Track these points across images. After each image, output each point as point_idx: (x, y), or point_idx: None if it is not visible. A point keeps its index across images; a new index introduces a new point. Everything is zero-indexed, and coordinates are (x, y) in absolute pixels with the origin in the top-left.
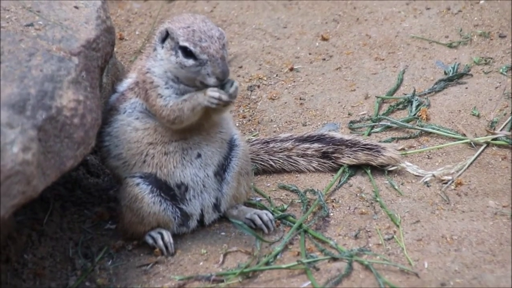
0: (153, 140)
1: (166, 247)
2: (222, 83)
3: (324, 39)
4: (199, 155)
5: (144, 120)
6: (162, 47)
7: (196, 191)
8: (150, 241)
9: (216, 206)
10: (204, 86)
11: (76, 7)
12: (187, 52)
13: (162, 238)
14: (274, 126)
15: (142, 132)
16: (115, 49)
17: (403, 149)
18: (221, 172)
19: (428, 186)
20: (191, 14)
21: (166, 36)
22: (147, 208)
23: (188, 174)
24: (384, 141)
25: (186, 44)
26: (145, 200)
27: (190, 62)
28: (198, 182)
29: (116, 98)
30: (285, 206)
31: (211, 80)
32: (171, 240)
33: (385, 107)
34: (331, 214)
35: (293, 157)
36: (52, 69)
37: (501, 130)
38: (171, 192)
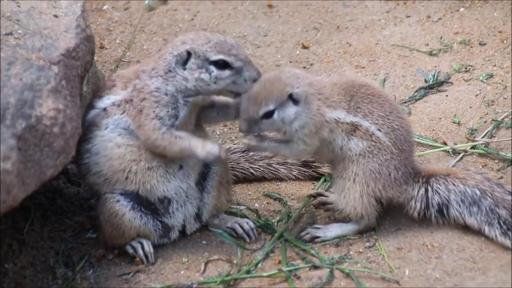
0: (136, 157)
1: (146, 257)
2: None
3: (304, 47)
4: (181, 167)
5: (126, 136)
6: (184, 68)
7: (179, 203)
8: (131, 251)
9: (198, 216)
10: (232, 95)
11: (56, 16)
12: (221, 65)
13: (143, 248)
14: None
15: (125, 149)
16: (95, 57)
17: None
18: (201, 181)
19: None
20: (193, 32)
21: (187, 57)
22: (128, 223)
23: (172, 187)
24: None
25: (220, 56)
26: (126, 216)
27: (227, 73)
28: (181, 194)
29: (96, 114)
30: (268, 217)
31: (247, 86)
32: (151, 250)
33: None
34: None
35: (273, 165)
36: (31, 78)
37: (481, 137)
38: (152, 206)
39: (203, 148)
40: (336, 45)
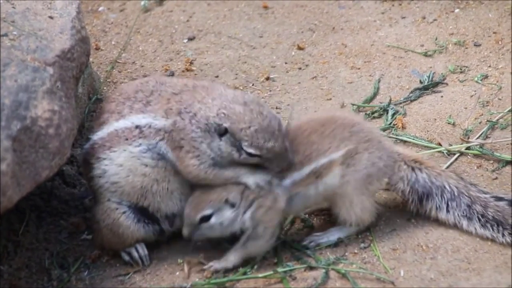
0: (159, 177)
1: (141, 260)
2: None
3: (300, 48)
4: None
5: (156, 161)
6: (221, 139)
7: (183, 215)
8: (127, 258)
9: None
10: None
11: (51, 17)
12: (252, 155)
13: (137, 251)
14: None
15: (151, 169)
16: (90, 59)
17: None
18: None
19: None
20: (242, 103)
21: (224, 132)
22: (130, 234)
23: (182, 206)
24: None
25: (251, 150)
26: (130, 228)
27: (255, 159)
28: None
29: (128, 127)
30: None
31: (273, 171)
32: (146, 252)
33: (361, 116)
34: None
35: None
36: (26, 79)
37: (476, 138)
38: (155, 217)
39: (253, 176)
40: (331, 46)
